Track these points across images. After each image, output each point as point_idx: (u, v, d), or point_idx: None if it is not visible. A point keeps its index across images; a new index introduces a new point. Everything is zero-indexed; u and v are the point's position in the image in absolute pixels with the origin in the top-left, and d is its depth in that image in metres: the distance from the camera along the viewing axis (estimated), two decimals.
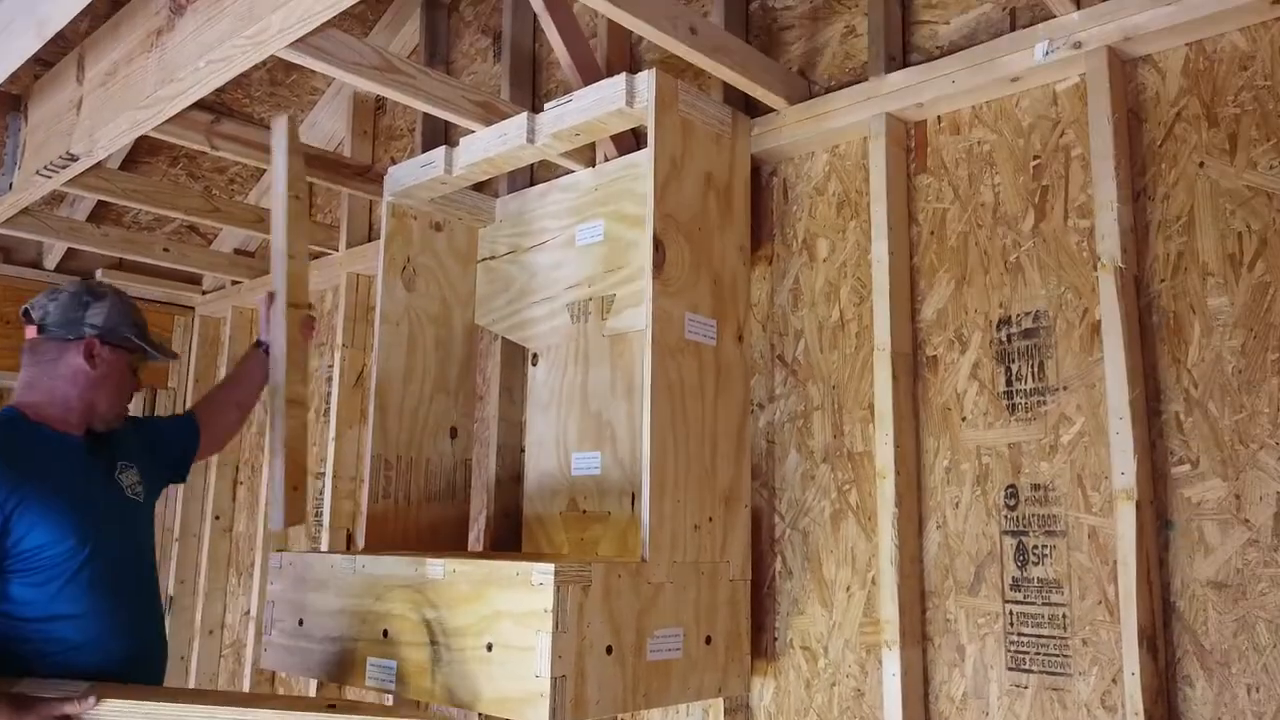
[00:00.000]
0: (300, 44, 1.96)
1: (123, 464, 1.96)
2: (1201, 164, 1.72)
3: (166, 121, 2.14)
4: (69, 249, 3.83)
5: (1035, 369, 1.85)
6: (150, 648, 1.91)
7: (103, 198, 2.99)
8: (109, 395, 1.91)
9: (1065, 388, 1.81)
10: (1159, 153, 1.77)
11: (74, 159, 2.34)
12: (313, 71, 2.91)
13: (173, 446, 2.16)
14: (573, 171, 2.46)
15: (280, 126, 2.32)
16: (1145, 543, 1.63)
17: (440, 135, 3.08)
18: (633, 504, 2.20)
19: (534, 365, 2.51)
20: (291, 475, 2.16)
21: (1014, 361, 1.88)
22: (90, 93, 2.23)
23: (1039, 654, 1.77)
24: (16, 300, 3.70)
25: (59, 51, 2.38)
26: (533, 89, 2.91)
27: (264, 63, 2.00)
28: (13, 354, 3.65)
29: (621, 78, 1.99)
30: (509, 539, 2.57)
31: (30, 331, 1.90)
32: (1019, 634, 1.80)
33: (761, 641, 2.13)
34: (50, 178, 2.49)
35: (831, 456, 2.10)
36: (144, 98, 2.01)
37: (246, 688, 3.43)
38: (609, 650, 1.70)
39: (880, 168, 2.04)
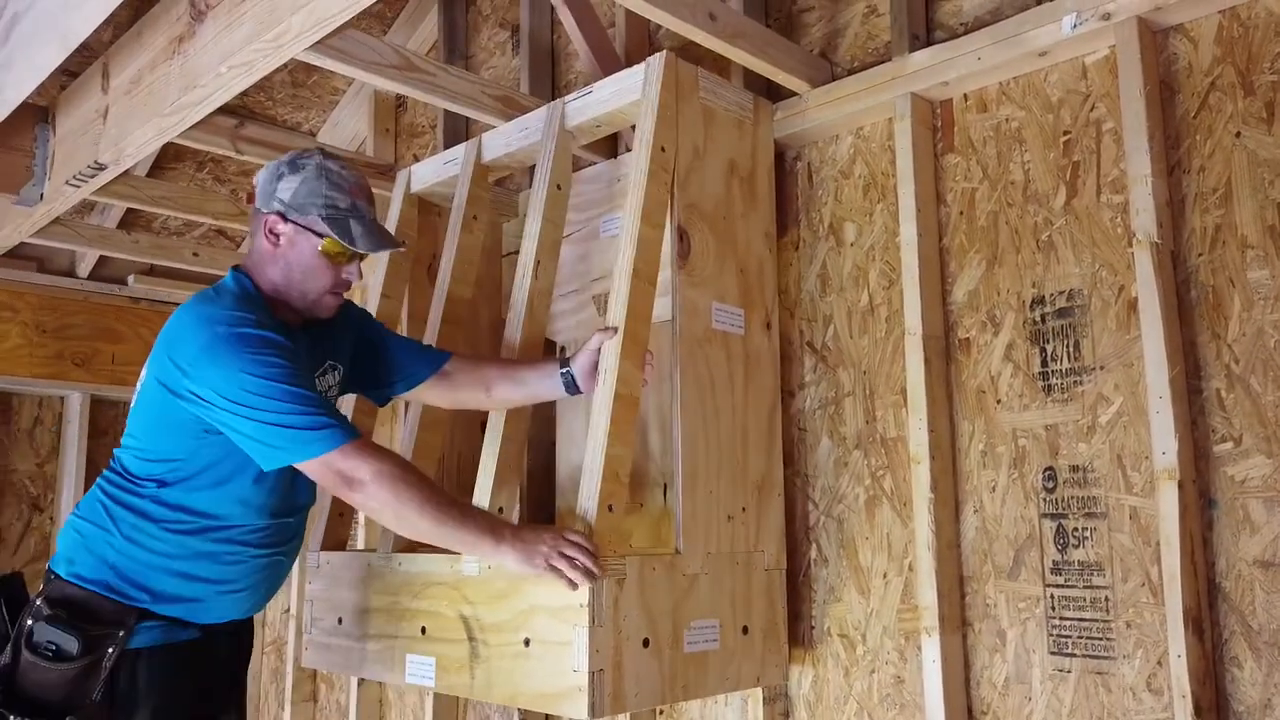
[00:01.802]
0: (320, 46, 1.96)
1: (330, 363, 1.85)
2: (1238, 134, 1.67)
3: (191, 127, 2.15)
4: (100, 256, 3.88)
5: (1071, 349, 1.82)
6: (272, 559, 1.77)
7: (131, 205, 3.02)
8: (299, 280, 1.74)
9: (1102, 367, 1.78)
10: (1193, 124, 1.73)
11: (102, 168, 2.36)
12: (333, 72, 2.92)
13: (387, 362, 1.96)
14: (595, 163, 2.45)
15: (402, 176, 2.53)
16: (1189, 523, 1.60)
17: (461, 131, 3.08)
18: (664, 495, 2.19)
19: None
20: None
21: (1049, 342, 1.85)
22: (115, 102, 2.25)
23: (1082, 637, 1.74)
24: (52, 310, 3.75)
25: (84, 61, 2.40)
26: (552, 81, 2.89)
27: (285, 65, 2.01)
28: (47, 362, 3.71)
29: (640, 68, 1.97)
30: None
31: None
32: (1061, 618, 1.77)
33: (799, 630, 2.12)
34: (79, 187, 2.51)
35: (864, 442, 2.08)
36: (168, 105, 2.02)
37: (289, 685, 3.47)
38: (645, 643, 1.70)
39: (906, 149, 2.01)
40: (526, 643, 1.71)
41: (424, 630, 1.91)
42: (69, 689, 1.58)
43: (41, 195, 2.63)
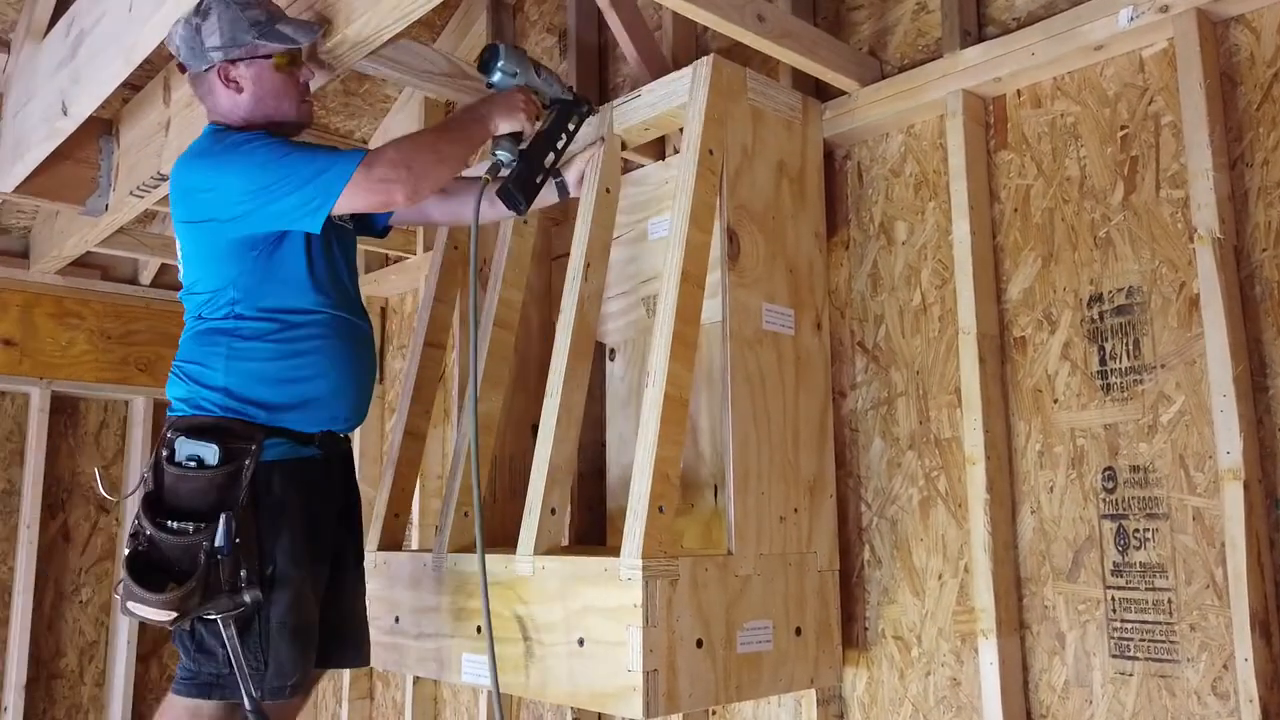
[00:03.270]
0: (372, 55, 2.00)
1: None
2: None
3: None
4: (162, 264, 3.98)
5: (1130, 347, 1.79)
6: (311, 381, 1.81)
7: None
8: (273, 106, 1.79)
9: (1163, 365, 1.75)
10: (1256, 116, 1.69)
11: (164, 178, 2.43)
12: (385, 80, 2.96)
13: None
14: (643, 165, 2.46)
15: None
16: (1254, 523, 1.57)
17: None
18: (715, 496, 2.20)
19: (611, 361, 2.52)
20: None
21: (1107, 340, 1.82)
22: (177, 114, 2.31)
23: (1144, 640, 1.71)
24: (116, 317, 3.87)
25: (146, 75, 2.47)
26: (600, 85, 2.91)
27: (338, 74, 2.05)
28: (112, 368, 3.82)
29: (687, 71, 1.98)
30: (593, 534, 2.59)
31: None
32: (1122, 620, 1.74)
33: (852, 631, 2.10)
34: (143, 197, 2.59)
35: (918, 443, 2.07)
36: None
37: (346, 683, 3.53)
38: (699, 643, 1.70)
39: (959, 146, 1.99)
40: (581, 642, 1.72)
41: (479, 630, 1.94)
42: (217, 495, 1.65)
43: (106, 206, 2.71)
